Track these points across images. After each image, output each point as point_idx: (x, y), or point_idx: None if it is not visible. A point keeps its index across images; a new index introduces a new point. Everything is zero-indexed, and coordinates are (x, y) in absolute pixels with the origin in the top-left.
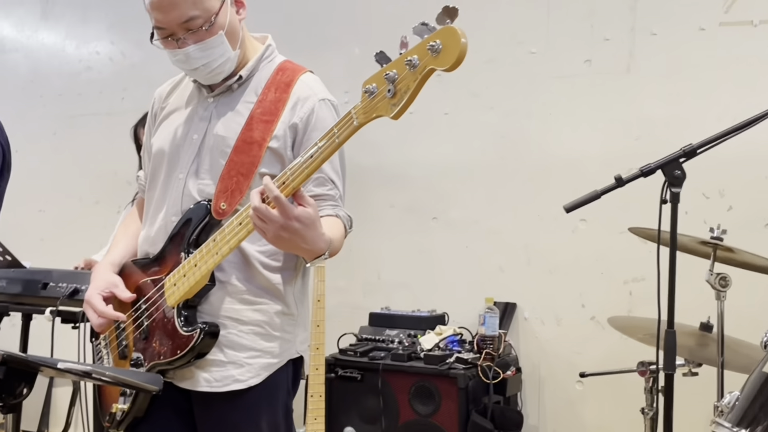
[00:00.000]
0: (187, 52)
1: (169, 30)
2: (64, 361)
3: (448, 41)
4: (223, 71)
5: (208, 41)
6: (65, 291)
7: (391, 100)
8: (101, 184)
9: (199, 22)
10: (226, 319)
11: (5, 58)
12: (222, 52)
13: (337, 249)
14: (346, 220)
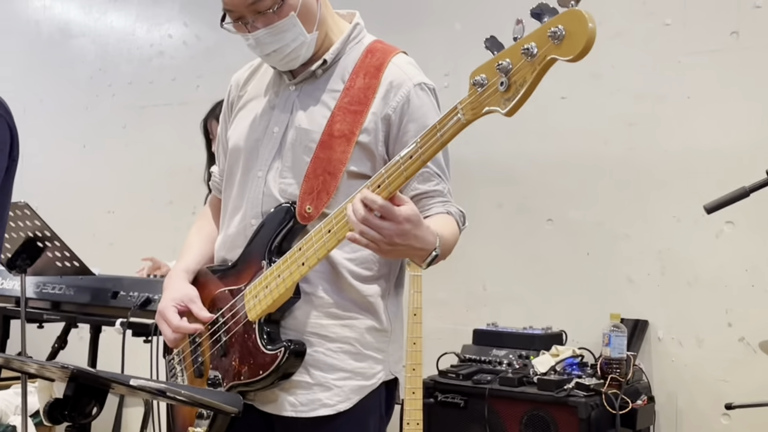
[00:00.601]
0: (257, 37)
1: (237, 12)
2: (136, 377)
3: (572, 27)
4: (298, 56)
5: (278, 24)
6: (136, 301)
7: (504, 94)
8: (175, 182)
9: (267, 4)
10: (312, 335)
11: (72, 44)
12: (295, 35)
13: (449, 247)
14: (459, 216)
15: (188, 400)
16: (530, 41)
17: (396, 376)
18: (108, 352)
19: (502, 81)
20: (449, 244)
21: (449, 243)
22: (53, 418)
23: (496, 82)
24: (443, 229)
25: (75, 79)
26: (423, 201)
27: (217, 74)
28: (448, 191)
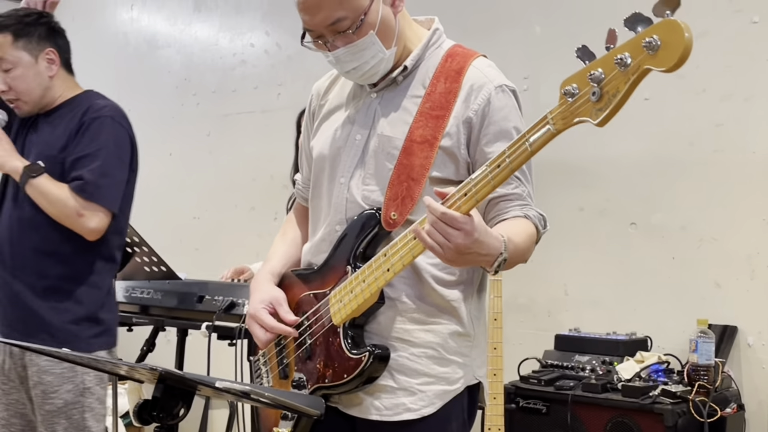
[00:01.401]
0: (336, 55)
1: (317, 32)
2: (222, 380)
3: (668, 37)
4: (377, 72)
5: (358, 43)
6: (221, 305)
7: (596, 104)
8: (257, 188)
9: (346, 24)
10: (396, 340)
11: (158, 55)
12: (374, 53)
13: (522, 251)
14: (538, 219)
15: (271, 402)
16: (624, 51)
17: (479, 381)
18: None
19: (594, 91)
20: (521, 248)
21: (521, 247)
22: (142, 419)
23: (588, 92)
24: (515, 233)
25: (161, 88)
26: (501, 204)
27: (298, 82)
28: (528, 194)
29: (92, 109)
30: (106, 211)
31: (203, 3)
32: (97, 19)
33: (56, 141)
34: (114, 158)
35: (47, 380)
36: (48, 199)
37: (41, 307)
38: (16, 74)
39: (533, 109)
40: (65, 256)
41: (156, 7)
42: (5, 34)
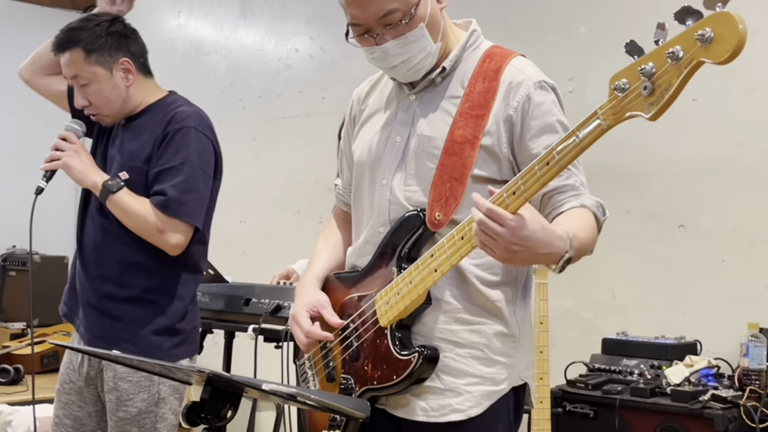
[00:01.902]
0: (385, 49)
1: (365, 26)
2: (268, 382)
3: (721, 29)
4: (423, 67)
5: (408, 35)
6: (268, 308)
7: (647, 99)
8: (302, 192)
9: (398, 16)
10: (441, 341)
11: (205, 61)
12: (423, 46)
13: (587, 244)
14: (596, 207)
15: (317, 404)
16: (675, 44)
17: (525, 382)
18: (241, 358)
19: (645, 85)
20: (585, 242)
21: (585, 241)
22: (191, 420)
23: (639, 86)
24: (577, 226)
25: (208, 94)
26: (555, 197)
27: (342, 86)
28: (580, 183)
29: (176, 119)
30: (189, 226)
31: (249, 9)
32: (145, 27)
33: (140, 151)
34: (198, 171)
35: (123, 387)
36: (128, 215)
37: (124, 316)
38: (94, 89)
39: (579, 111)
40: (150, 269)
41: (202, 14)
42: (77, 50)
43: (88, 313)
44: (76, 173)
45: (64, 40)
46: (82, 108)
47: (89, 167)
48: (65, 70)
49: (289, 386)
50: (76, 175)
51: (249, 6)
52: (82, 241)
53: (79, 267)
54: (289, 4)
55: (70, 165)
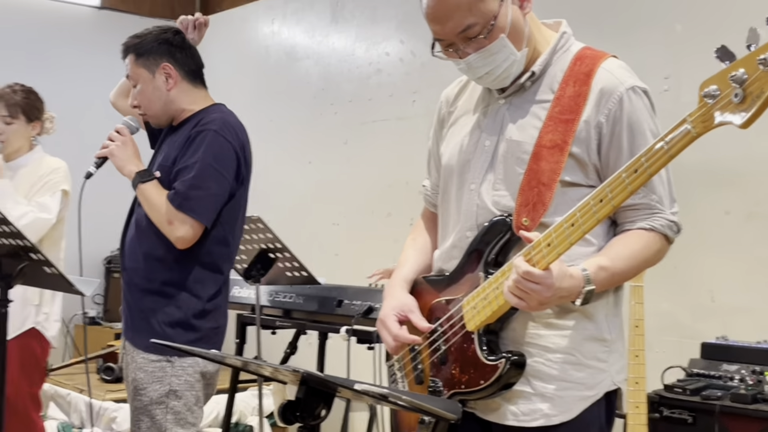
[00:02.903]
0: (468, 62)
1: (447, 41)
2: (360, 382)
3: None
4: (509, 75)
5: (489, 47)
6: (359, 309)
7: (738, 106)
8: (393, 194)
9: (476, 30)
10: (531, 346)
11: (297, 66)
12: (506, 56)
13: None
14: (668, 227)
15: (409, 405)
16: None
17: (618, 387)
18: (335, 358)
19: (736, 92)
20: (621, 270)
21: (621, 269)
22: (286, 419)
23: (730, 93)
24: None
25: (300, 99)
26: (629, 212)
27: (433, 89)
28: (658, 201)
29: (201, 122)
30: (195, 222)
31: (340, 14)
32: (240, 34)
33: (171, 153)
34: (210, 171)
35: (139, 377)
36: (149, 204)
37: (145, 308)
38: (139, 90)
39: (675, 109)
40: (169, 263)
41: (295, 20)
42: (131, 54)
43: (124, 306)
44: (117, 161)
45: (124, 47)
46: (134, 106)
47: (130, 158)
48: (126, 70)
49: (381, 387)
50: (117, 162)
51: (340, 11)
52: (124, 237)
53: (120, 261)
54: (380, 9)
55: (115, 153)
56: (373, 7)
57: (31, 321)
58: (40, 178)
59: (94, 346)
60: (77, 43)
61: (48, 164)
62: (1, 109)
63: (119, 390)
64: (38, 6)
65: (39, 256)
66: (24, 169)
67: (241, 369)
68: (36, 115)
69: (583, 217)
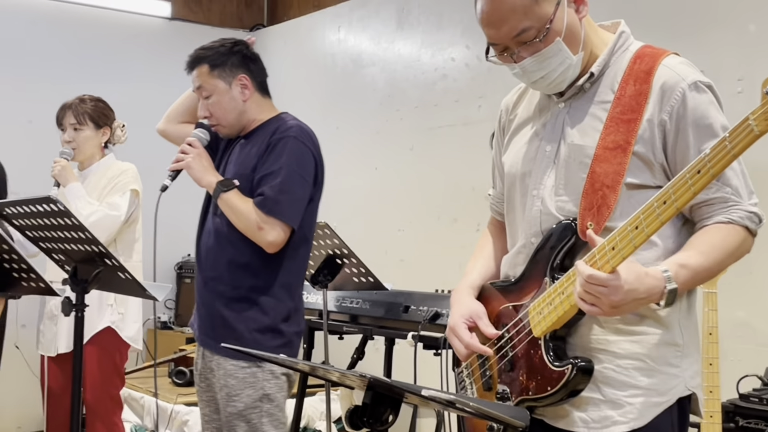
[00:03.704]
0: (523, 66)
1: (502, 45)
2: (427, 388)
3: None
4: (565, 79)
5: (544, 51)
6: (426, 315)
7: None
8: (459, 200)
9: (532, 34)
10: (600, 351)
11: (363, 73)
12: (561, 60)
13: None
14: (748, 218)
15: (476, 412)
16: None
17: (692, 392)
18: (401, 364)
19: None
20: (706, 266)
21: (706, 266)
22: (354, 424)
23: None
24: (702, 250)
25: (366, 105)
26: (703, 209)
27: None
28: (733, 193)
29: (279, 130)
30: (285, 225)
31: (406, 21)
32: (307, 42)
33: (249, 161)
34: (295, 176)
35: (231, 383)
36: (235, 213)
37: (230, 315)
38: (214, 101)
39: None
40: (256, 269)
41: (361, 28)
42: (203, 64)
43: (202, 314)
44: (195, 173)
45: (194, 57)
46: (204, 118)
47: (207, 169)
48: (193, 83)
49: (448, 393)
50: (195, 174)
51: (406, 18)
52: (200, 245)
53: (196, 270)
54: (446, 14)
55: (191, 165)
56: (439, 12)
57: (107, 320)
58: (110, 180)
59: (167, 350)
60: (150, 53)
61: (118, 167)
62: (70, 118)
63: (190, 393)
64: (113, 18)
65: (113, 262)
66: (95, 176)
67: (309, 374)
68: (104, 122)
69: (646, 220)
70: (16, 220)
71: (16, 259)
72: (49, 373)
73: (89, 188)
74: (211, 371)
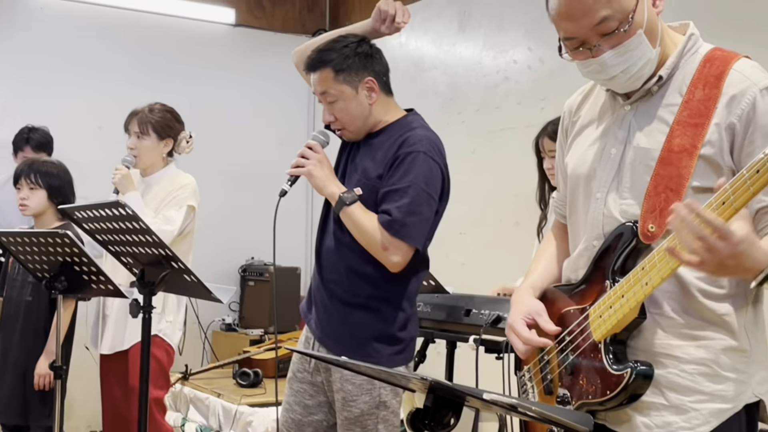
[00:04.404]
0: (602, 61)
1: (580, 39)
2: (489, 392)
3: None
4: (642, 75)
5: (627, 44)
6: (488, 319)
7: None
8: (521, 203)
9: (614, 24)
10: (664, 356)
11: (424, 77)
12: (642, 53)
13: None
14: None
15: (538, 416)
16: None
17: (760, 399)
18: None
19: None
20: None
21: None
22: (415, 427)
23: None
24: None
25: (428, 109)
26: (765, 216)
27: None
28: None
29: (408, 142)
30: (410, 247)
31: (467, 23)
32: None
33: (374, 169)
34: (423, 195)
35: (348, 389)
36: (358, 228)
37: (349, 320)
38: (340, 106)
39: None
40: (376, 280)
41: (422, 31)
42: (327, 69)
43: (320, 313)
44: (317, 181)
45: (316, 60)
46: (328, 123)
47: (329, 177)
48: (315, 87)
49: (509, 397)
50: (316, 183)
51: (467, 20)
52: (320, 246)
53: (315, 269)
54: (507, 16)
55: (313, 174)
56: (501, 14)
57: (154, 328)
58: (169, 193)
59: (231, 351)
60: (215, 59)
61: (179, 181)
62: (135, 126)
63: (254, 395)
64: (180, 25)
65: (180, 265)
66: (157, 186)
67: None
68: (168, 133)
69: None
70: (86, 224)
71: (86, 262)
72: (102, 372)
73: (150, 197)
74: (327, 370)
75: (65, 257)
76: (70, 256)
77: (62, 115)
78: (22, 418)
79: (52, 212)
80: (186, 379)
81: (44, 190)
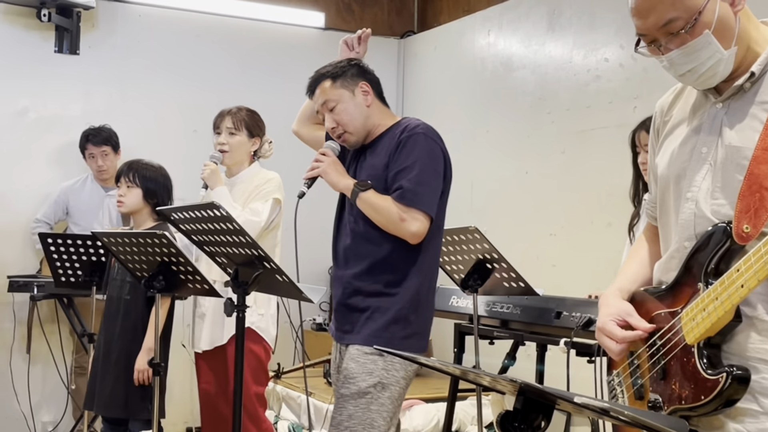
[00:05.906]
0: (670, 58)
1: (650, 36)
2: (580, 395)
3: None
4: (715, 74)
5: (692, 44)
6: (579, 321)
7: None
8: (613, 204)
9: (679, 24)
10: (758, 361)
11: (513, 77)
12: (709, 54)
13: None
14: None
15: (631, 421)
16: None
17: None
18: (554, 370)
19: None
20: None
21: None
22: (505, 429)
23: None
24: None
25: (516, 109)
26: None
27: (654, 94)
28: None
29: (408, 128)
30: (425, 215)
31: (557, 22)
32: (457, 48)
33: (380, 162)
34: (429, 168)
35: (350, 366)
36: (375, 209)
37: (367, 308)
38: (340, 109)
39: None
40: (394, 264)
41: (511, 31)
42: (325, 80)
43: (338, 312)
44: (331, 178)
45: (314, 79)
46: (331, 130)
47: (342, 174)
48: (316, 102)
49: (602, 401)
50: (331, 179)
51: (557, 19)
52: (337, 246)
53: (333, 271)
54: (598, 14)
55: (327, 171)
56: (591, 12)
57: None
58: (255, 187)
59: (321, 351)
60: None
61: (264, 175)
62: (228, 122)
63: None
64: (271, 30)
65: (272, 265)
66: (242, 185)
67: (460, 378)
68: (257, 132)
69: None
70: (183, 225)
71: (183, 261)
72: (198, 370)
73: (236, 195)
74: (342, 360)
75: (163, 257)
76: (168, 256)
77: (159, 119)
78: (123, 411)
79: (147, 212)
80: (279, 378)
81: (140, 189)
